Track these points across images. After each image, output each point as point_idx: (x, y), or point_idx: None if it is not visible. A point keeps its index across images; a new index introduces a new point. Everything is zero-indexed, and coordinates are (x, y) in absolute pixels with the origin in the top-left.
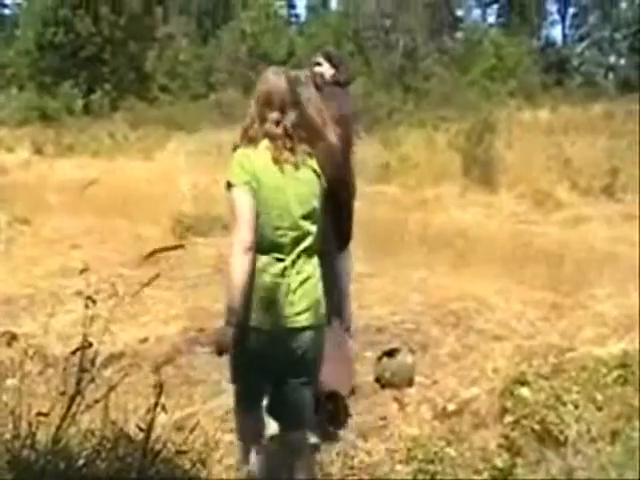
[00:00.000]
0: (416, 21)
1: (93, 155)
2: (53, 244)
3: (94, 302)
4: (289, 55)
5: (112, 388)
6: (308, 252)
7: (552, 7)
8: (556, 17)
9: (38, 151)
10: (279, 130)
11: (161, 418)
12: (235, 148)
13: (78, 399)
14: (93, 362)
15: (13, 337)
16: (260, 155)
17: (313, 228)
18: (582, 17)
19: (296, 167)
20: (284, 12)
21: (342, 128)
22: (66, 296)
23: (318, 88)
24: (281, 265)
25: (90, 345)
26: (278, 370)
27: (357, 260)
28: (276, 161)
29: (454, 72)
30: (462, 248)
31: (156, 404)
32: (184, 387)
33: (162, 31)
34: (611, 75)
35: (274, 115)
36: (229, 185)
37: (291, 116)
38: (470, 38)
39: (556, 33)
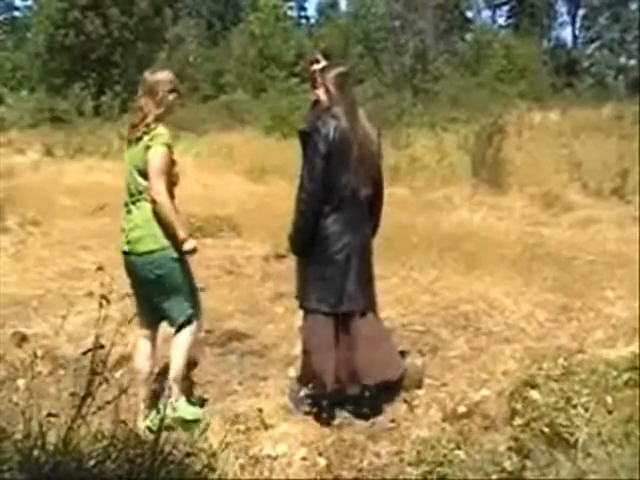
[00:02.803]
0: (426, 23)
1: (103, 156)
2: (63, 245)
3: (108, 302)
4: (298, 57)
5: (122, 390)
6: (133, 200)
7: (562, 8)
8: (566, 18)
9: (48, 153)
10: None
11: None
12: None
13: (88, 400)
14: (104, 363)
15: (24, 338)
16: None
17: (137, 185)
18: (592, 18)
19: (131, 140)
20: (293, 14)
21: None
22: (77, 297)
23: (315, 87)
24: (125, 207)
25: (101, 346)
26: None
27: None
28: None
29: (464, 74)
30: (471, 250)
31: (165, 406)
32: (193, 388)
33: (172, 33)
34: (621, 76)
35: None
36: None
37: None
38: (480, 40)
39: (566, 34)
